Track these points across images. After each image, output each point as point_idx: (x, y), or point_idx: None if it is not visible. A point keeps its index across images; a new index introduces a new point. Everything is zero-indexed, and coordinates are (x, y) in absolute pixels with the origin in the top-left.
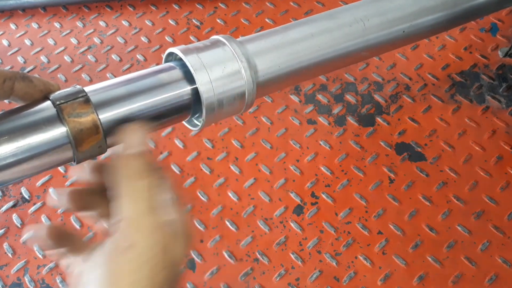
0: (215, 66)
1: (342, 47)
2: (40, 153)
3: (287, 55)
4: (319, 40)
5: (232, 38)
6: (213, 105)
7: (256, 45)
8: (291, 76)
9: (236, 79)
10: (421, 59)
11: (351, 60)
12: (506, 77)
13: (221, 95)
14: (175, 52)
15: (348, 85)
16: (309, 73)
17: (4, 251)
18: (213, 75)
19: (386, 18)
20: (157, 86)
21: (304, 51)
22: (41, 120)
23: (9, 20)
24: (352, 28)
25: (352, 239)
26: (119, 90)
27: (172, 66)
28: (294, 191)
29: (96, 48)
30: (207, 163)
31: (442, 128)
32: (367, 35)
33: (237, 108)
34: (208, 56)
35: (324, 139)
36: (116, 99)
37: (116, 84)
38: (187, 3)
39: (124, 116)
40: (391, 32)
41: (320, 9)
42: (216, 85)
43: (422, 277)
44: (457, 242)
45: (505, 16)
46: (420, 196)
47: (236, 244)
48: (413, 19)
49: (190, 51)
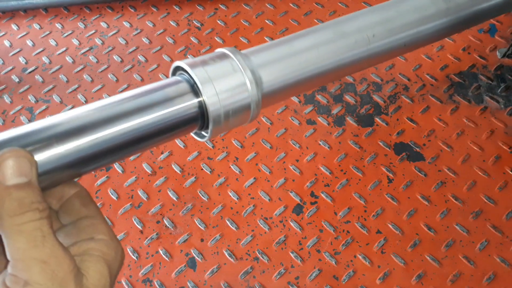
0: (221, 79)
1: (345, 57)
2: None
3: (291, 67)
4: (323, 51)
5: (237, 51)
6: (219, 117)
7: (260, 57)
8: (295, 87)
9: (242, 91)
10: (419, 60)
11: (355, 69)
12: (504, 77)
13: (227, 107)
14: (181, 66)
15: (347, 85)
16: (313, 83)
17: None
18: (219, 87)
19: (390, 27)
20: (165, 100)
21: (308, 62)
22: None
23: (10, 21)
24: (356, 38)
25: (351, 238)
26: (128, 104)
27: (179, 80)
28: (293, 191)
29: (98, 49)
30: (207, 163)
31: (441, 128)
32: (371, 45)
33: (243, 119)
34: (213, 69)
35: (323, 139)
36: (124, 114)
37: (124, 100)
38: (187, 4)
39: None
40: (395, 40)
41: (319, 11)
42: (222, 98)
43: (420, 276)
44: (456, 241)
45: (503, 17)
46: (418, 196)
47: (236, 243)
48: (417, 26)
49: (196, 64)
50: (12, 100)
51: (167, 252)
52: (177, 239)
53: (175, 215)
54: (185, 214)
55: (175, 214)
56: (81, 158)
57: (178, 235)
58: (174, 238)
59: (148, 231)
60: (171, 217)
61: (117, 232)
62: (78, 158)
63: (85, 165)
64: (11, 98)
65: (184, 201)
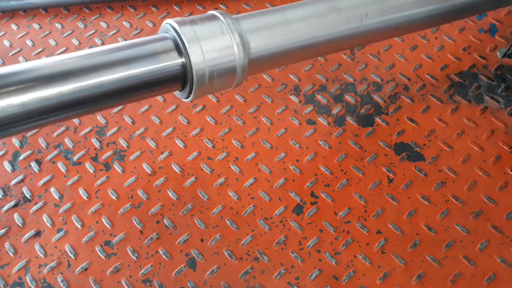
0: (208, 39)
1: (336, 32)
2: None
3: (281, 34)
4: (314, 23)
5: (227, 14)
6: (203, 77)
7: (250, 22)
8: (283, 56)
9: (228, 54)
10: (420, 60)
11: (346, 45)
12: (505, 77)
13: (212, 67)
14: (170, 23)
15: (347, 85)
16: (301, 55)
17: (5, 251)
18: (205, 47)
19: (384, 7)
20: (150, 55)
21: (299, 32)
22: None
23: (10, 21)
24: (349, 15)
25: (351, 238)
26: (114, 55)
27: (166, 37)
28: (293, 191)
29: None
30: (207, 163)
31: (441, 128)
32: (363, 22)
33: (228, 83)
34: (202, 29)
35: (323, 139)
36: (109, 64)
37: (109, 50)
38: (187, 4)
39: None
40: (388, 20)
41: None
42: (208, 58)
43: (421, 276)
44: (456, 241)
45: (503, 17)
46: (419, 196)
47: (236, 243)
48: (411, 9)
49: (185, 23)
50: None
51: (167, 252)
52: (177, 239)
53: (175, 215)
54: (185, 214)
55: (175, 214)
56: (63, 103)
57: (178, 235)
58: (174, 238)
59: (148, 231)
60: (171, 217)
61: (117, 232)
62: (59, 103)
63: (64, 112)
64: None
65: (184, 201)
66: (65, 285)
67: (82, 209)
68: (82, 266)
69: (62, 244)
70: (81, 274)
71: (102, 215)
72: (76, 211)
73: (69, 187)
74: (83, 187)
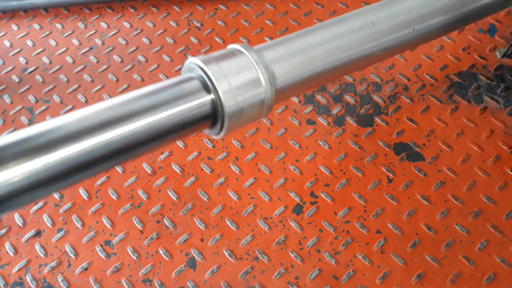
0: (235, 74)
1: (355, 52)
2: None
3: (303, 62)
4: (333, 46)
5: (249, 47)
6: (234, 112)
7: (272, 53)
8: (307, 81)
9: (256, 86)
10: (419, 60)
11: (365, 63)
12: (504, 77)
13: (241, 102)
14: (195, 62)
15: (347, 85)
16: (325, 77)
17: (6, 250)
18: (233, 83)
19: (396, 21)
20: (181, 97)
21: (319, 57)
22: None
23: (11, 21)
24: (364, 33)
25: (351, 238)
26: (143, 102)
27: (192, 77)
28: (293, 191)
29: (98, 49)
30: (207, 163)
31: (440, 128)
32: (379, 39)
33: (257, 115)
34: (227, 65)
35: (323, 139)
36: (139, 112)
37: (138, 97)
38: (187, 4)
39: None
40: (401, 35)
41: (319, 11)
42: (237, 93)
43: (420, 276)
44: (455, 241)
45: (503, 17)
46: (418, 196)
47: (236, 243)
48: (422, 22)
49: (210, 61)
50: (12, 100)
51: (167, 252)
52: (177, 239)
53: (175, 215)
54: (185, 214)
55: (175, 214)
56: (94, 158)
57: (178, 235)
58: (174, 238)
59: (148, 231)
60: (171, 217)
61: (117, 232)
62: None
63: (97, 166)
64: (11, 98)
65: (184, 201)
66: (65, 284)
67: (83, 208)
68: (82, 266)
69: (62, 243)
70: (81, 273)
71: (103, 214)
72: (76, 210)
73: (69, 187)
74: (83, 187)
